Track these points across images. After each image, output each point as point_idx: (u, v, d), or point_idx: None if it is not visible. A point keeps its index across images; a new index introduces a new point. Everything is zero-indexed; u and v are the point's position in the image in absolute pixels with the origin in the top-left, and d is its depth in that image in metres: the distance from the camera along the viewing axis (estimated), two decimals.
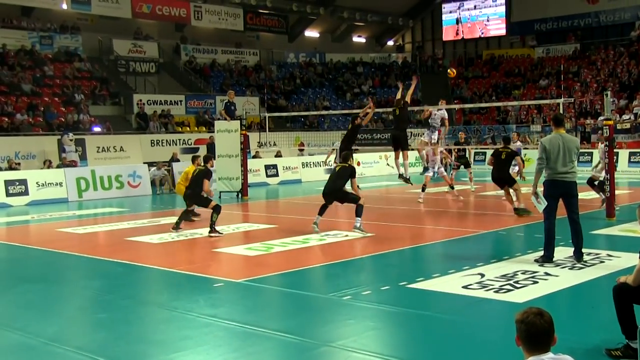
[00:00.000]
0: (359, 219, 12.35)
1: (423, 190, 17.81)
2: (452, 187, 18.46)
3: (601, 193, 14.79)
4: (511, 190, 14.94)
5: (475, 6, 43.42)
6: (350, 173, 12.68)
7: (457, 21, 44.18)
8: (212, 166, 13.78)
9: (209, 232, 12.88)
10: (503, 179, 15.02)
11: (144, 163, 24.12)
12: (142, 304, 8.09)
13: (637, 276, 5.48)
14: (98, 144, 26.26)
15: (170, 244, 12.15)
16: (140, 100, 30.79)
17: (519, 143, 18.89)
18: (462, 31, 44.08)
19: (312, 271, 9.72)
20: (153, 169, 23.19)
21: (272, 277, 9.16)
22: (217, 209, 12.97)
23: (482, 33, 43.58)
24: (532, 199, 9.43)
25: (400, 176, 16.59)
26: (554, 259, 9.25)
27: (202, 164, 13.63)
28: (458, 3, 44.12)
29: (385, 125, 37.11)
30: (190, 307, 7.58)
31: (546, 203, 9.11)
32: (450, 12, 44.58)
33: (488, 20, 43.05)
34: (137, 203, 19.96)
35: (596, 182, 15.00)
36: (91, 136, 26.70)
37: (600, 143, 17.26)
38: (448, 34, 44.84)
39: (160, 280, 9.65)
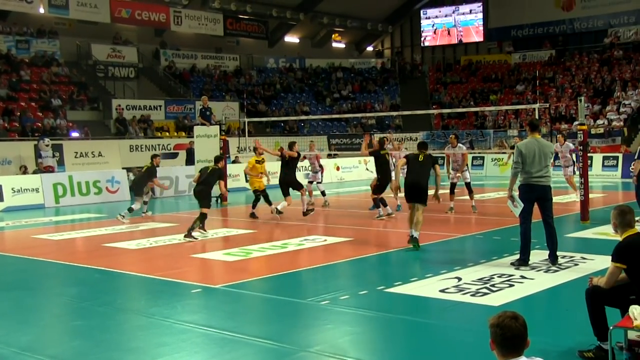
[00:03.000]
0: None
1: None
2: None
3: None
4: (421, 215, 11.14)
5: (453, 12, 43.84)
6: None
7: (435, 27, 44.57)
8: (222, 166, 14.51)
9: (185, 235, 12.88)
10: (422, 189, 11.18)
11: (123, 168, 23.98)
12: (119, 310, 8.04)
13: (609, 279, 5.57)
14: (76, 149, 26.07)
15: (148, 249, 12.09)
16: (119, 105, 30.60)
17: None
18: (440, 37, 44.43)
19: (291, 276, 9.72)
20: (130, 174, 23.04)
21: (251, 282, 9.17)
22: (203, 217, 13.12)
23: (460, 39, 43.98)
24: (507, 203, 9.51)
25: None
26: (529, 262, 9.36)
27: (214, 163, 14.08)
28: (437, 9, 44.51)
29: (364, 129, 37.20)
30: (168, 314, 7.55)
31: (522, 205, 9.22)
32: (429, 18, 44.95)
33: (466, 27, 43.43)
34: (116, 209, 19.76)
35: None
36: (69, 141, 26.47)
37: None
38: (426, 40, 45.17)
39: (138, 286, 9.61)
